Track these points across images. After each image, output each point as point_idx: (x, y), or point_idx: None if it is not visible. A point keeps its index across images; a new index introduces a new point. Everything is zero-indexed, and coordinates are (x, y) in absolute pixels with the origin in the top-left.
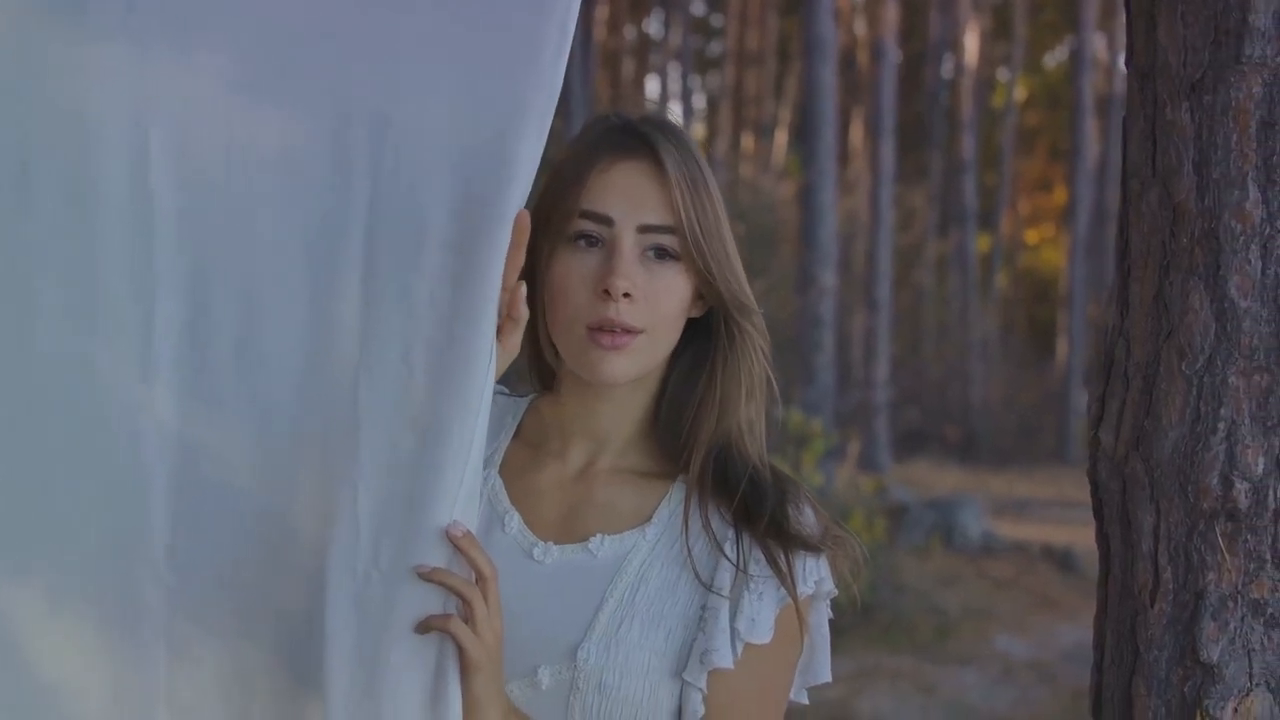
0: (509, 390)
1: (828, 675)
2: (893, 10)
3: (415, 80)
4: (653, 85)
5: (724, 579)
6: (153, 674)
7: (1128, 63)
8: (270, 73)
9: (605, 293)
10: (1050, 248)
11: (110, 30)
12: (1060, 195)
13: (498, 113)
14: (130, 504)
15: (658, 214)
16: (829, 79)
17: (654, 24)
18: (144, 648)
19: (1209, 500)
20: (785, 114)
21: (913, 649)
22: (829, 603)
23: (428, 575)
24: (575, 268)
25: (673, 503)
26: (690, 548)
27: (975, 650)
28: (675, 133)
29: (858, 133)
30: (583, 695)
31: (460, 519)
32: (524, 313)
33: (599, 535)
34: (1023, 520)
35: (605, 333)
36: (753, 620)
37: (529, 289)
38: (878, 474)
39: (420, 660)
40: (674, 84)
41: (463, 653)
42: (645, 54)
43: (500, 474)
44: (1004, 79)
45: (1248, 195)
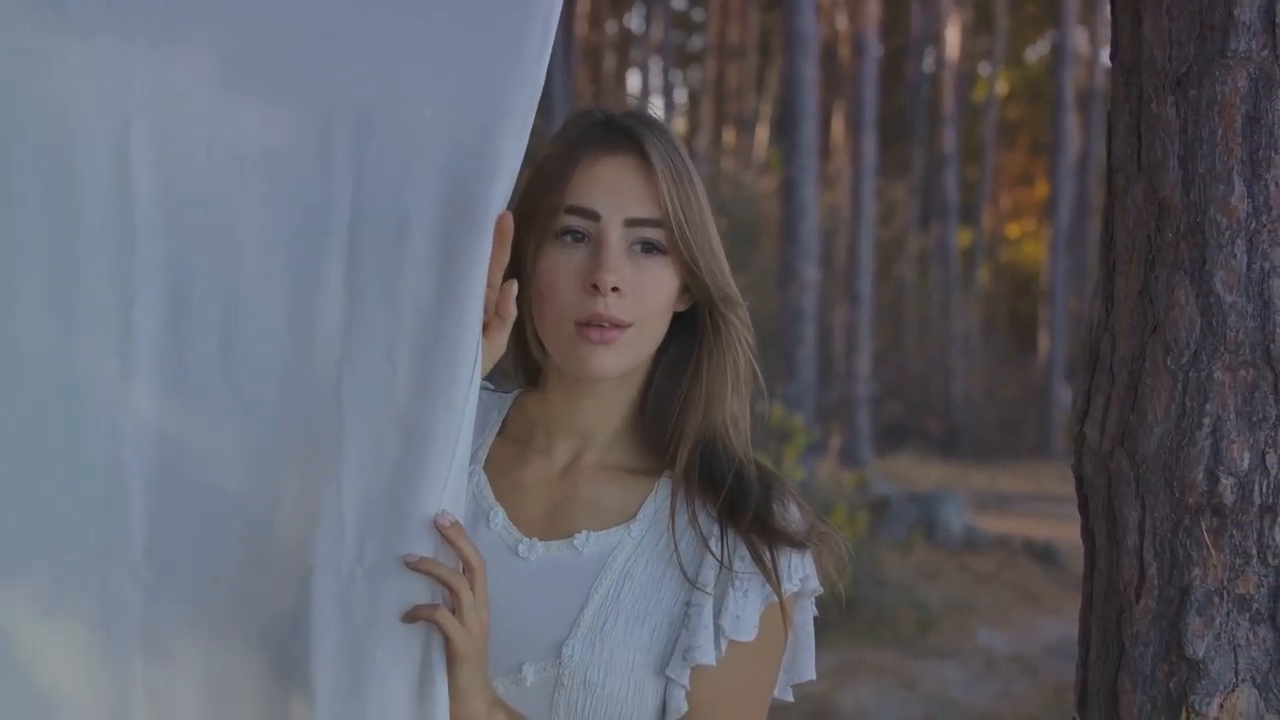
0: (494, 386)
1: (812, 673)
2: (874, 4)
3: (399, 76)
4: (634, 80)
5: (709, 575)
6: (129, 672)
7: (1113, 57)
8: (254, 68)
9: (593, 287)
10: (1032, 242)
11: (92, 25)
12: (1041, 189)
13: (481, 108)
14: (108, 501)
15: (644, 208)
16: (810, 73)
17: (635, 19)
18: (120, 646)
19: (1194, 495)
20: (766, 108)
21: (895, 643)
22: (813, 600)
23: (415, 564)
24: (562, 263)
25: (658, 499)
26: (676, 542)
27: (957, 644)
28: (658, 127)
29: (839, 127)
30: (568, 692)
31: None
32: (512, 311)
33: (584, 532)
34: (1004, 514)
35: (594, 328)
36: (737, 617)
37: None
38: (859, 468)
39: (406, 655)
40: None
41: (449, 643)
42: (626, 49)
43: (485, 470)
44: (985, 73)
45: (1233, 190)
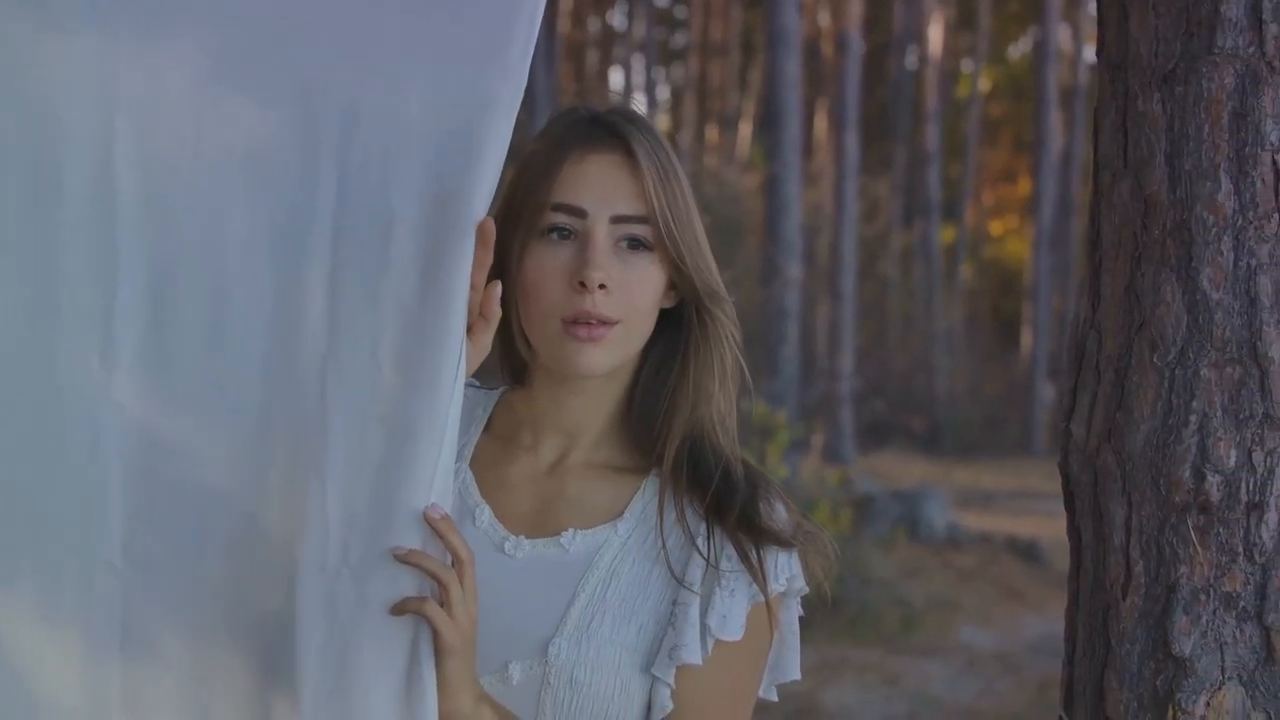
0: (479, 383)
1: (797, 673)
2: (856, 1)
3: (384, 72)
4: (617, 77)
5: (695, 574)
6: (108, 670)
7: (1099, 53)
8: (239, 64)
9: (580, 285)
10: (1014, 239)
11: (76, 20)
12: (1024, 186)
13: (465, 105)
14: (87, 499)
15: (630, 204)
16: (793, 70)
17: (618, 16)
18: (99, 643)
19: (1181, 493)
20: (749, 106)
21: (877, 641)
22: (799, 600)
23: (404, 557)
24: (548, 261)
25: (645, 497)
26: (664, 540)
27: (940, 642)
28: (643, 123)
29: (822, 124)
30: (554, 691)
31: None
32: (496, 312)
33: (571, 530)
34: (988, 512)
35: (581, 325)
36: (724, 617)
37: (502, 283)
38: (842, 465)
39: (393, 651)
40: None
41: (437, 636)
42: (609, 46)
43: (471, 467)
44: (968, 70)
45: (1220, 187)
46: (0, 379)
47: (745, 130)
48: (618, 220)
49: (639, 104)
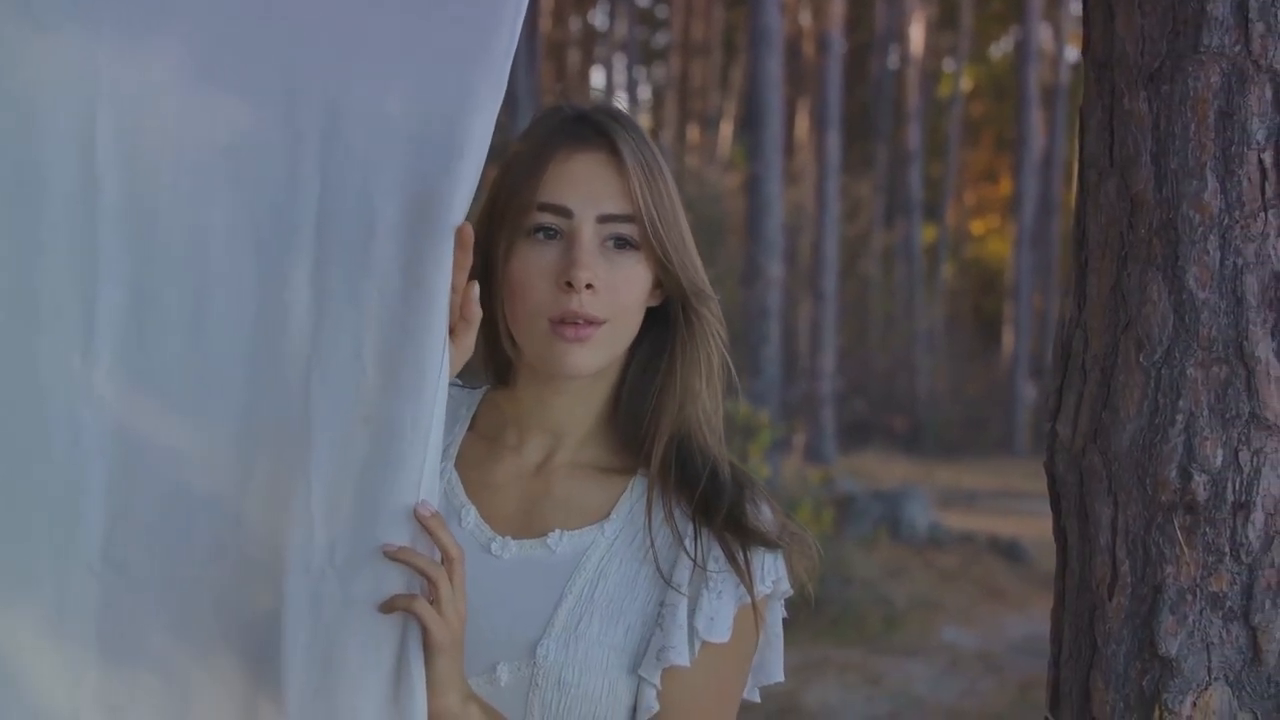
0: (462, 382)
1: (780, 675)
2: (838, 1)
3: (368, 69)
4: (598, 77)
5: (683, 575)
6: (82, 671)
7: (1085, 52)
8: (222, 62)
9: (567, 285)
10: (996, 238)
11: (59, 16)
12: (1006, 186)
13: (448, 103)
14: (66, 499)
15: (616, 203)
16: (775, 70)
17: (599, 15)
18: (74, 643)
19: (1167, 493)
20: (730, 105)
21: (860, 640)
22: (782, 601)
23: (394, 554)
24: (535, 261)
25: (632, 498)
26: (652, 539)
27: (922, 641)
28: (628, 121)
29: (803, 124)
30: (542, 692)
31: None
32: (477, 313)
33: (557, 531)
34: (970, 511)
35: (568, 325)
36: (711, 619)
37: (484, 283)
38: (824, 465)
39: (381, 651)
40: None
41: (426, 634)
42: (591, 45)
43: (456, 467)
44: (949, 70)
45: (1206, 186)
46: None
47: (726, 130)
48: (604, 219)
49: (621, 103)
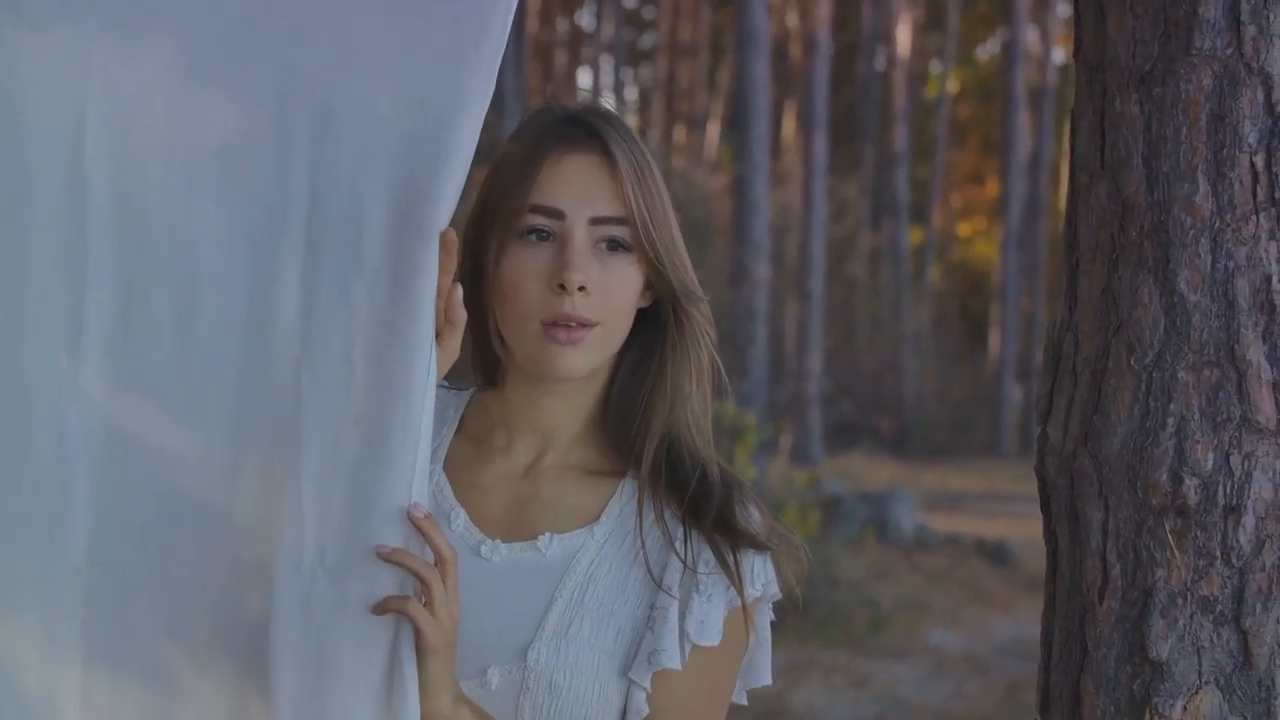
0: (449, 384)
1: (768, 678)
2: (825, 2)
3: (360, 69)
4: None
5: (673, 577)
6: (68, 671)
7: (1076, 54)
8: (212, 61)
9: (560, 287)
10: (982, 240)
11: (48, 16)
12: (992, 188)
13: (437, 103)
14: (51, 497)
15: (609, 205)
16: (762, 71)
17: (586, 16)
18: (59, 643)
19: (1158, 496)
20: (717, 106)
21: (846, 642)
22: (770, 605)
23: (388, 555)
24: (527, 263)
25: (622, 500)
26: (643, 541)
27: (909, 643)
28: (619, 122)
29: (790, 125)
30: (533, 695)
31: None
32: (462, 315)
33: (547, 534)
34: (956, 513)
35: (561, 328)
36: (701, 623)
37: (475, 285)
38: (811, 467)
39: (373, 653)
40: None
41: (419, 635)
42: (578, 46)
43: (444, 469)
44: (936, 71)
45: (1198, 188)
46: None
47: (713, 131)
48: (596, 222)
49: (608, 103)
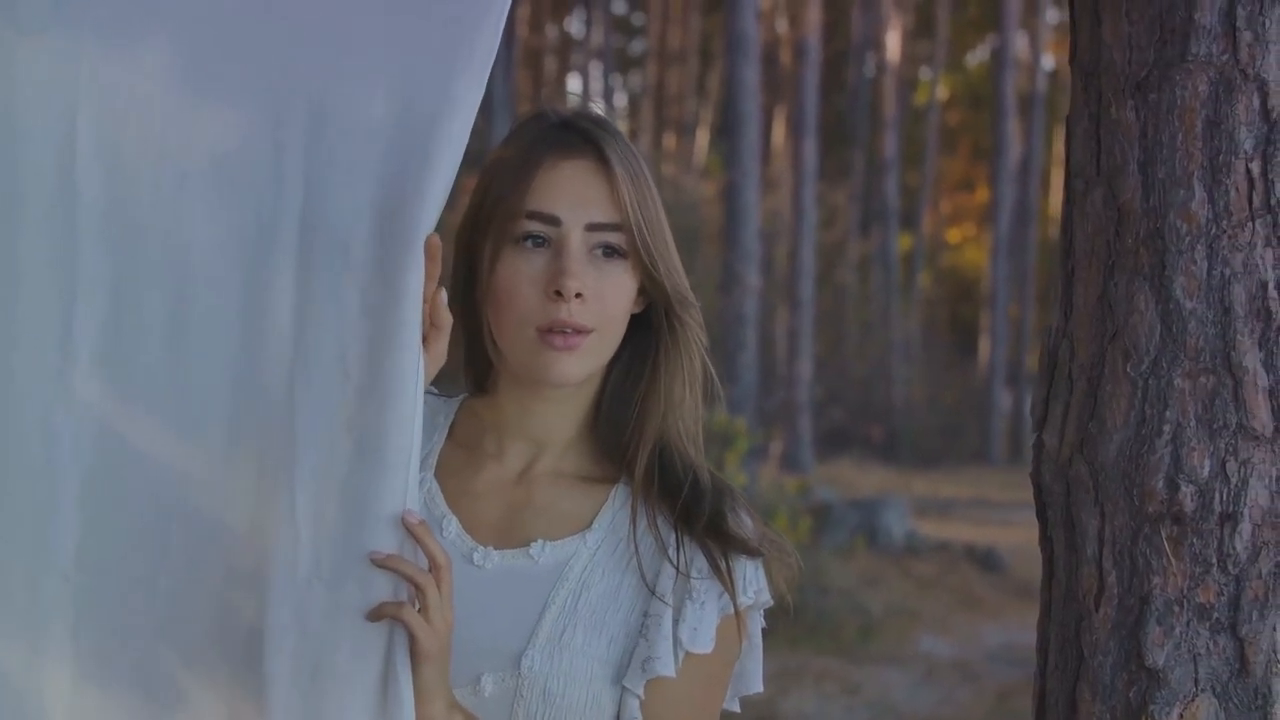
0: (438, 391)
1: (760, 685)
2: (815, 8)
3: (354, 69)
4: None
5: (666, 584)
6: (56, 680)
7: (1072, 60)
8: (205, 65)
9: (557, 294)
10: (972, 247)
11: (40, 21)
12: (982, 195)
13: (429, 106)
14: (40, 503)
15: (604, 212)
16: (751, 77)
17: (575, 23)
18: (48, 650)
19: (1154, 504)
20: (707, 113)
21: (837, 649)
22: (761, 611)
23: (382, 561)
24: (523, 269)
25: (614, 507)
26: (637, 547)
27: (899, 650)
28: (612, 128)
29: (780, 131)
30: (526, 703)
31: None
32: (447, 319)
33: (540, 540)
34: (946, 520)
35: (557, 334)
36: (694, 630)
37: (467, 291)
38: (801, 474)
39: (368, 660)
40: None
41: (414, 641)
42: (567, 53)
43: (435, 476)
44: (926, 78)
45: (1193, 195)
46: None
47: (703, 137)
48: (592, 228)
49: (598, 109)
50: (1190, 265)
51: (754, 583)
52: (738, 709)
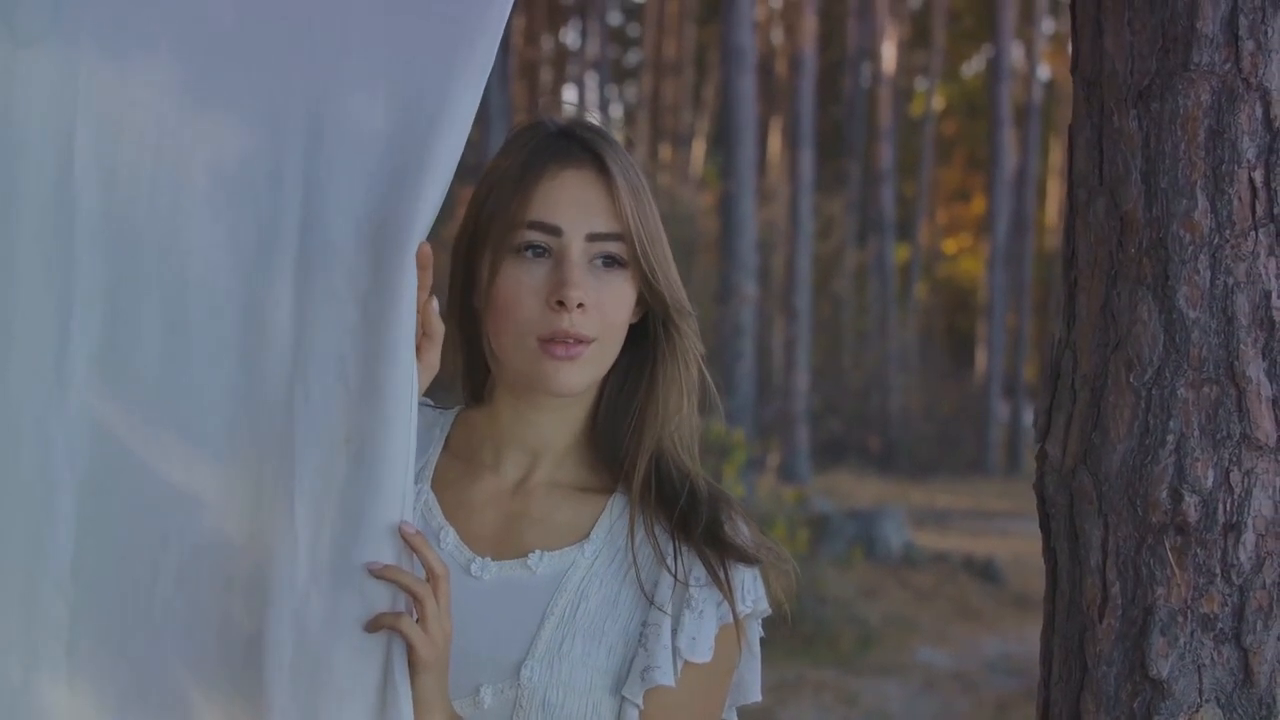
0: (433, 403)
1: (758, 694)
2: (811, 19)
3: (353, 73)
4: (570, 95)
5: (665, 593)
6: (52, 691)
7: (1074, 70)
8: (203, 75)
9: (559, 304)
10: (969, 257)
11: (38, 31)
12: (978, 205)
13: (429, 107)
14: (36, 514)
15: (605, 222)
16: (747, 88)
17: (571, 34)
18: (43, 662)
19: (1158, 514)
20: (703, 124)
21: (835, 660)
22: (759, 621)
23: (380, 572)
24: (524, 279)
25: (612, 516)
26: (635, 556)
27: (897, 661)
28: (610, 138)
29: (776, 142)
30: (526, 713)
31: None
32: (439, 328)
33: (537, 551)
34: (943, 531)
35: (559, 344)
36: (693, 639)
37: (463, 301)
38: (799, 484)
39: (367, 671)
40: (591, 94)
41: (412, 651)
42: (563, 64)
43: (432, 488)
44: (922, 88)
45: (1196, 204)
46: None
47: (699, 148)
48: (594, 238)
49: (593, 118)
50: (1193, 275)
51: (752, 591)
52: (736, 718)
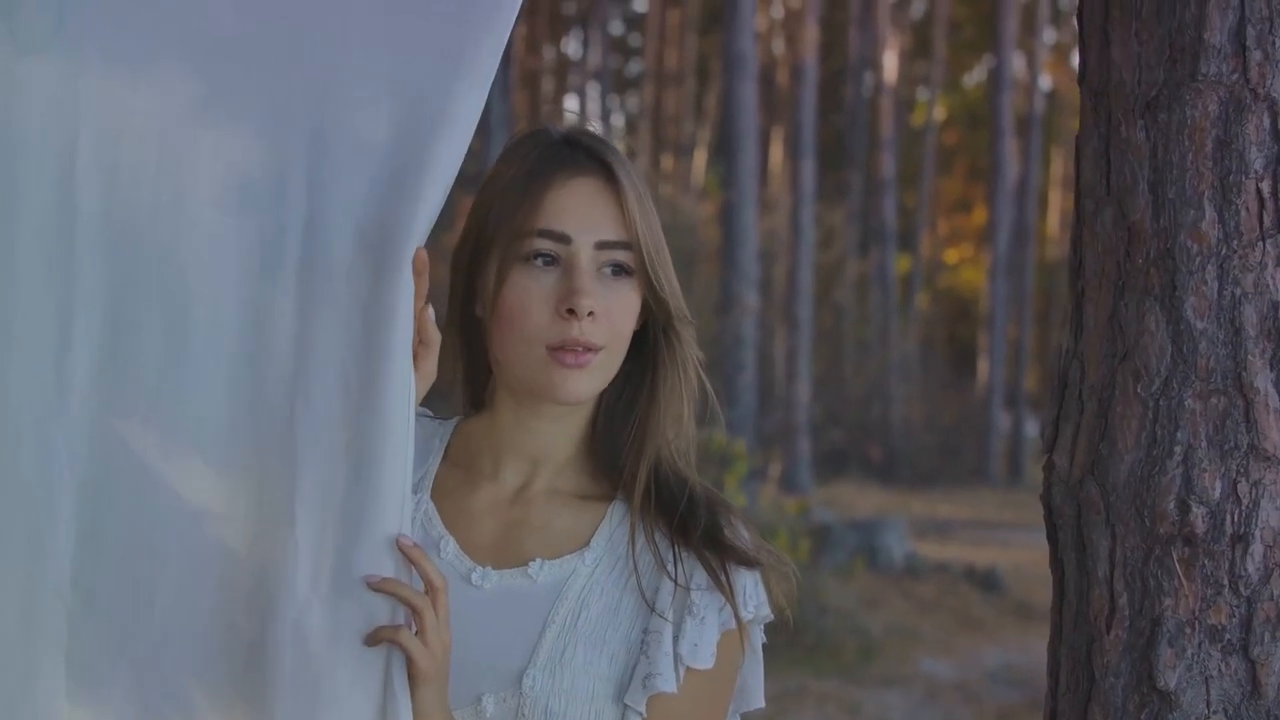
0: (432, 413)
1: (761, 700)
2: (812, 28)
3: (356, 76)
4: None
5: (666, 600)
6: (51, 700)
7: (1081, 80)
8: (206, 84)
9: (569, 312)
10: (970, 267)
11: (42, 40)
12: (980, 215)
13: (431, 109)
14: (35, 521)
15: (614, 230)
16: (749, 98)
17: (573, 44)
18: (42, 669)
19: (1166, 525)
20: (704, 134)
21: (837, 670)
22: (762, 627)
23: (378, 585)
24: (533, 288)
25: (612, 524)
26: (636, 563)
27: (900, 671)
28: (613, 146)
29: (777, 152)
30: None
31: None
32: (435, 336)
33: (538, 560)
34: (945, 541)
35: (568, 352)
36: (695, 645)
37: (466, 309)
38: (800, 495)
39: (367, 682)
40: (593, 103)
41: (412, 664)
42: (564, 74)
43: (431, 498)
44: (923, 98)
45: (1204, 215)
46: None
47: (700, 158)
48: (602, 246)
49: (596, 129)
50: (1201, 285)
51: (754, 596)
52: None
